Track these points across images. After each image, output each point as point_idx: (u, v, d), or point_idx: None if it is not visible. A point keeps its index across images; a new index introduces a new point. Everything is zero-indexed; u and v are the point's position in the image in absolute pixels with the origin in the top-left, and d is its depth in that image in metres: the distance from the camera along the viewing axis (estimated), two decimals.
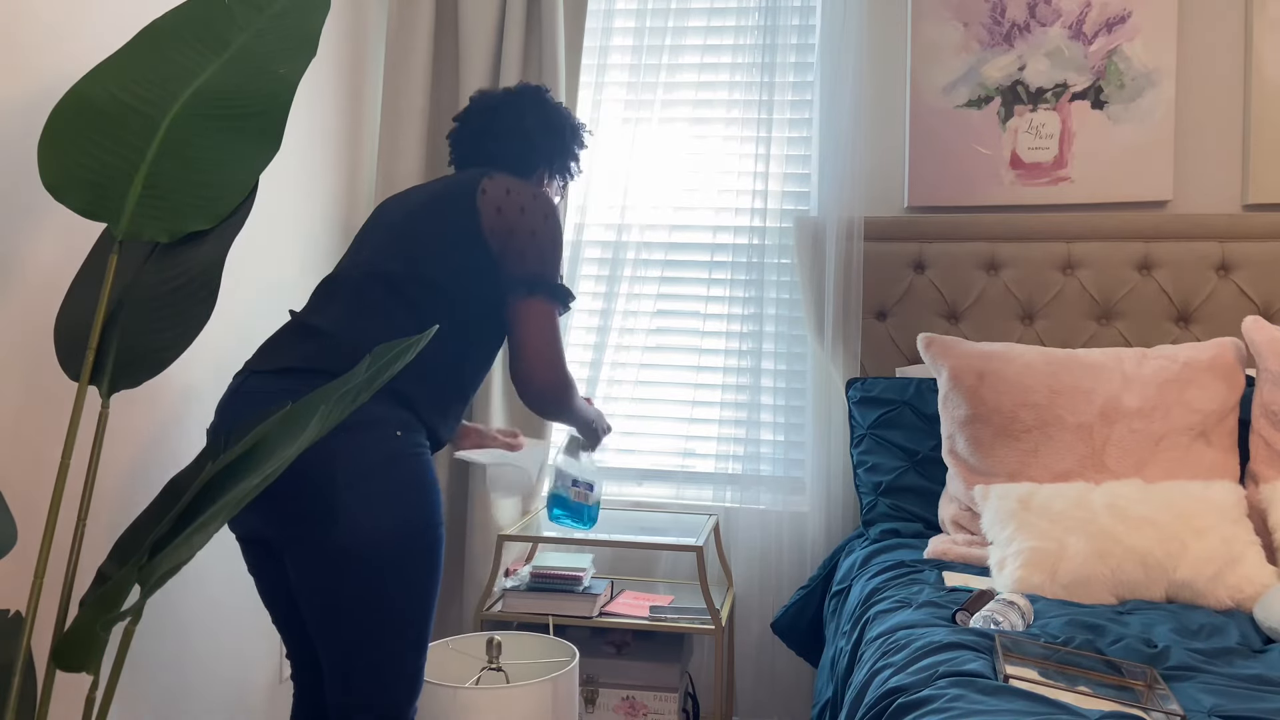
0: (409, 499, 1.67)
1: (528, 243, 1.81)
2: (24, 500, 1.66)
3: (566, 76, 2.77)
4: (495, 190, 1.81)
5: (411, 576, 1.68)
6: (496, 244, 1.81)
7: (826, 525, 2.74)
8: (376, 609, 1.67)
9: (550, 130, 2.01)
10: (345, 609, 1.67)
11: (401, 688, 1.73)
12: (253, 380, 1.72)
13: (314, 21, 1.58)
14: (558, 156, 2.03)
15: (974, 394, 2.32)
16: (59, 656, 1.38)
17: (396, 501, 1.65)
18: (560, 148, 2.03)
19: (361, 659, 1.70)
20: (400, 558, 1.66)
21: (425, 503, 1.69)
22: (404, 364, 1.38)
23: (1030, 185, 2.75)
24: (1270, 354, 2.24)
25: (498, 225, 1.80)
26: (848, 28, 2.70)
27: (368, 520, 1.63)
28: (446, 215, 1.84)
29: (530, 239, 1.81)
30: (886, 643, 1.72)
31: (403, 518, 1.65)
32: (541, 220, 1.83)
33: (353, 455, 1.63)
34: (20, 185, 1.63)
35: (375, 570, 1.65)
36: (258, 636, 2.37)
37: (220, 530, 2.12)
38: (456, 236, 1.82)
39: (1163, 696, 1.44)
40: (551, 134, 2.01)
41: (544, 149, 2.00)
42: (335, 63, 2.65)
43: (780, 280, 2.84)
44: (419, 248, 1.82)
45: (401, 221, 1.86)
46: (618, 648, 2.64)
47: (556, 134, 2.01)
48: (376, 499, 1.64)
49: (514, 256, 1.81)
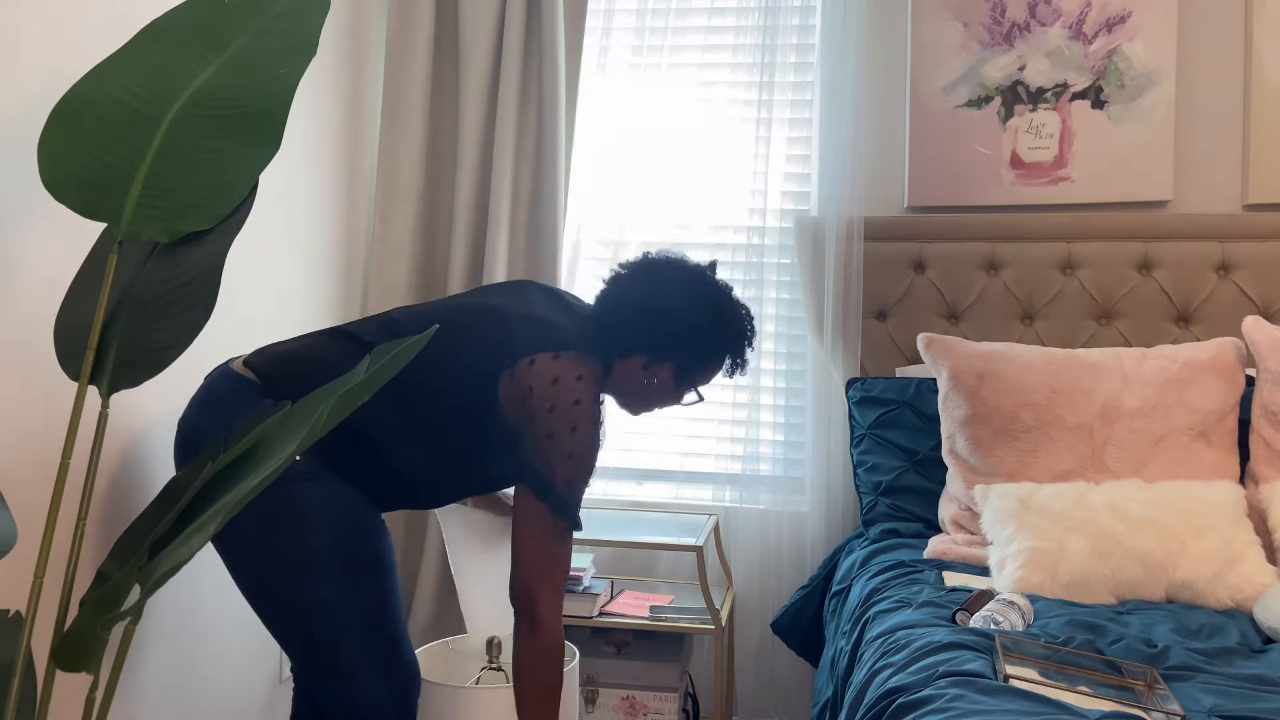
0: (296, 520, 1.65)
1: (544, 442, 1.62)
2: (24, 500, 1.66)
3: (566, 76, 2.77)
4: (526, 377, 1.61)
5: (322, 581, 1.67)
6: (510, 422, 1.65)
7: (826, 525, 2.74)
8: (295, 617, 1.69)
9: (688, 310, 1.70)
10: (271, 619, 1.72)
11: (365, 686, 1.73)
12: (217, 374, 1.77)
13: (314, 21, 1.57)
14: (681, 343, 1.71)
15: (974, 394, 2.32)
16: (59, 656, 1.38)
17: (282, 519, 1.65)
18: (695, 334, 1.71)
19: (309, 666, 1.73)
20: (298, 569, 1.65)
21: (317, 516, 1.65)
22: (404, 364, 1.38)
23: (1030, 185, 2.75)
24: (1270, 354, 2.24)
25: (518, 412, 1.62)
26: (848, 28, 2.70)
27: (258, 540, 1.65)
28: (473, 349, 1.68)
29: (542, 439, 1.62)
30: (886, 643, 1.72)
31: (288, 533, 1.65)
32: (568, 431, 1.60)
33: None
34: (20, 185, 1.63)
35: (278, 584, 1.67)
36: (257, 636, 2.37)
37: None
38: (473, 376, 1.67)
39: (1163, 696, 1.44)
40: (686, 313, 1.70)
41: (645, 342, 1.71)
42: (335, 63, 2.65)
43: (780, 280, 2.84)
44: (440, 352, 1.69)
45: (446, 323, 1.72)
46: (618, 648, 2.64)
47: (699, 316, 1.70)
48: (260, 519, 1.64)
49: (527, 442, 1.63)
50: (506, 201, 2.74)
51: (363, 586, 1.70)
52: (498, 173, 2.73)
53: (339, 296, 2.71)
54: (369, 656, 1.72)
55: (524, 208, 2.78)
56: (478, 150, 2.78)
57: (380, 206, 2.80)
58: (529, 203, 2.78)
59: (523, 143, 2.77)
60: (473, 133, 2.77)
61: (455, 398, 1.66)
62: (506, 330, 1.66)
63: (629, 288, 1.72)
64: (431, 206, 2.85)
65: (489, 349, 1.66)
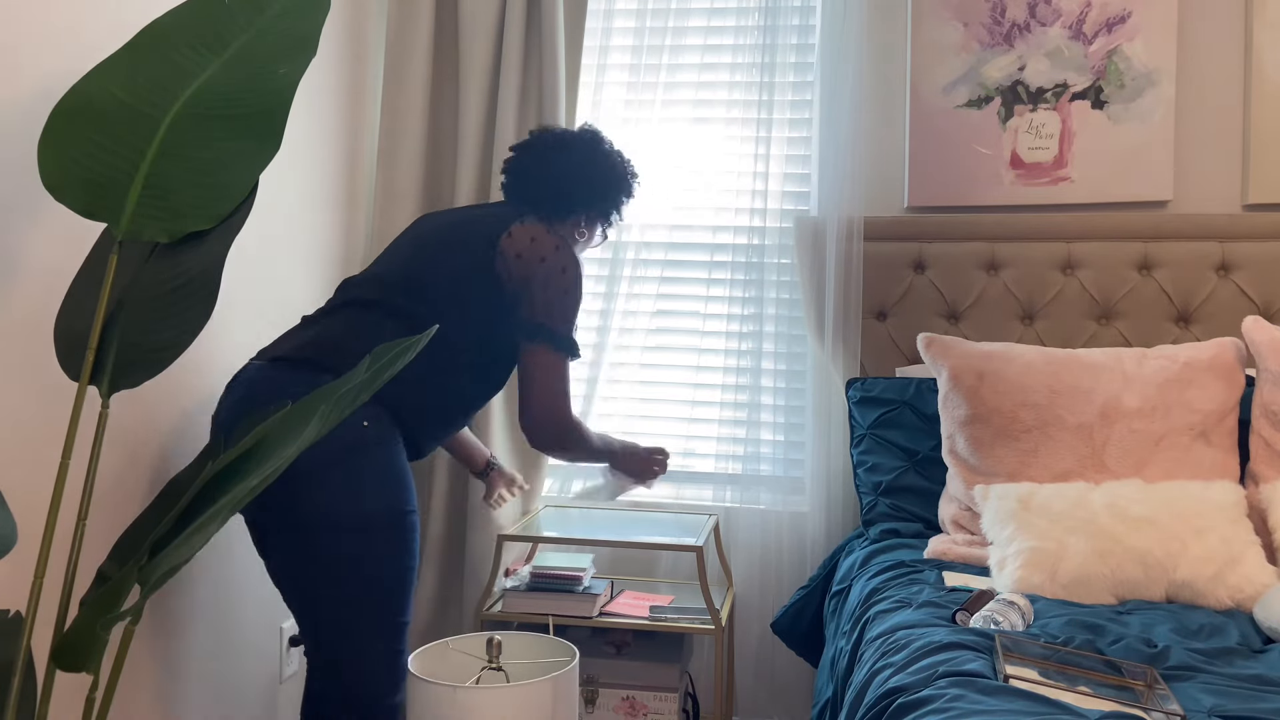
0: (363, 486, 1.76)
1: (541, 291, 1.89)
2: (24, 500, 1.66)
3: (566, 76, 2.77)
4: (520, 237, 1.89)
5: (376, 560, 1.78)
6: (512, 288, 1.88)
7: (826, 525, 2.74)
8: (342, 591, 1.76)
9: (595, 178, 2.06)
10: (312, 592, 1.78)
11: (379, 675, 1.81)
12: (249, 369, 1.86)
13: (314, 21, 1.58)
14: (598, 203, 2.08)
15: (974, 394, 2.32)
16: (59, 656, 1.38)
17: (353, 485, 1.75)
18: (602, 195, 2.08)
19: (334, 642, 1.79)
20: (363, 541, 1.76)
21: (388, 489, 1.78)
22: (404, 364, 1.39)
23: (1030, 185, 2.75)
24: (1270, 354, 2.24)
25: (516, 271, 1.88)
26: (848, 28, 2.70)
27: (329, 504, 1.73)
28: (469, 249, 1.91)
29: (544, 288, 1.89)
30: (886, 643, 1.72)
31: (354, 501, 1.75)
32: (559, 272, 1.90)
33: (317, 443, 1.71)
34: (20, 185, 1.63)
35: (337, 554, 1.75)
36: (257, 636, 2.37)
37: (222, 529, 2.12)
38: (472, 273, 1.89)
39: (1163, 696, 1.45)
40: (596, 182, 2.06)
41: (583, 195, 2.06)
42: (335, 63, 2.65)
43: (780, 280, 2.84)
44: (433, 273, 1.90)
45: (430, 242, 1.95)
46: (618, 648, 2.64)
47: (601, 182, 2.07)
48: (338, 485, 1.74)
49: (527, 303, 1.89)
50: None
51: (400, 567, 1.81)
52: (497, 172, 2.73)
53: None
54: (384, 644, 1.81)
55: None
56: (477, 150, 2.78)
57: (380, 206, 2.80)
58: None
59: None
60: (472, 132, 2.77)
61: (463, 292, 1.90)
62: (474, 230, 1.92)
63: (546, 163, 2.04)
64: (431, 206, 2.85)
65: (473, 252, 1.89)
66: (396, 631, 1.83)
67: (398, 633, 1.84)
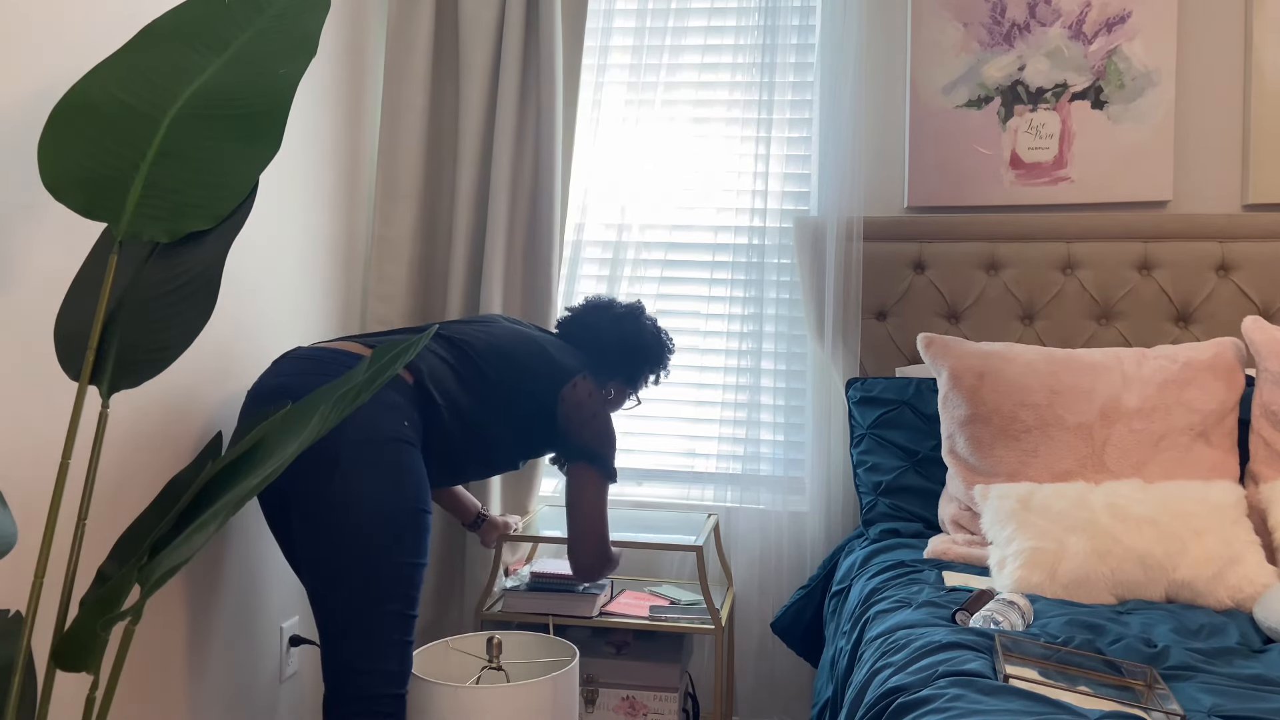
0: (401, 477, 1.91)
1: (587, 429, 2.24)
2: (24, 500, 1.66)
3: (566, 76, 2.77)
4: (581, 390, 2.24)
5: (401, 549, 1.90)
6: (563, 422, 2.23)
7: (826, 525, 2.74)
8: (363, 566, 1.87)
9: (632, 357, 2.40)
10: (334, 563, 1.87)
11: (390, 662, 1.90)
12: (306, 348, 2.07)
13: (314, 21, 1.57)
14: (632, 377, 2.43)
15: (974, 394, 2.32)
16: (59, 656, 1.38)
17: (392, 474, 1.90)
18: (635, 373, 2.43)
19: (347, 621, 1.88)
20: (387, 524, 1.88)
21: (415, 484, 1.93)
22: (404, 364, 1.39)
23: (1030, 185, 2.75)
24: (1270, 354, 2.24)
25: (572, 414, 2.23)
26: (848, 28, 2.70)
27: (364, 483, 1.87)
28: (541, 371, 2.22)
29: (588, 428, 2.24)
30: (886, 642, 1.72)
31: (393, 490, 1.89)
32: (603, 422, 2.27)
33: (364, 424, 1.89)
34: (20, 185, 1.63)
35: (361, 529, 1.87)
36: (257, 635, 2.37)
37: (224, 529, 2.12)
38: (538, 398, 2.20)
39: (1163, 696, 1.45)
40: (631, 360, 2.41)
41: (621, 370, 2.40)
42: (335, 63, 2.65)
43: (780, 280, 2.84)
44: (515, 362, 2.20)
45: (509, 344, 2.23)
46: (618, 648, 2.64)
47: (636, 361, 2.41)
48: (376, 466, 1.88)
49: (576, 432, 2.24)
50: (506, 201, 2.74)
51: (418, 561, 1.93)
52: (497, 172, 2.73)
53: (339, 295, 2.71)
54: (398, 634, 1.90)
55: (523, 207, 2.78)
56: (477, 149, 2.78)
57: (380, 206, 2.80)
58: (529, 202, 2.78)
59: (522, 142, 2.77)
60: (472, 132, 2.77)
61: (534, 399, 2.23)
62: (551, 359, 2.26)
63: (600, 329, 2.39)
64: (431, 206, 2.85)
65: (551, 370, 2.25)
66: (407, 623, 1.92)
67: (408, 625, 1.93)
